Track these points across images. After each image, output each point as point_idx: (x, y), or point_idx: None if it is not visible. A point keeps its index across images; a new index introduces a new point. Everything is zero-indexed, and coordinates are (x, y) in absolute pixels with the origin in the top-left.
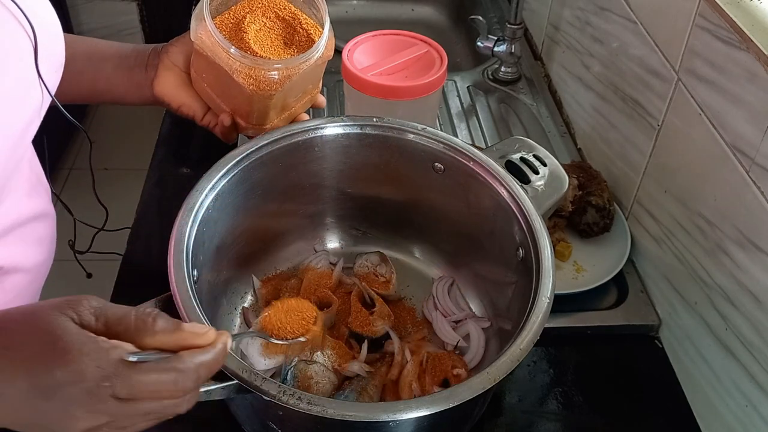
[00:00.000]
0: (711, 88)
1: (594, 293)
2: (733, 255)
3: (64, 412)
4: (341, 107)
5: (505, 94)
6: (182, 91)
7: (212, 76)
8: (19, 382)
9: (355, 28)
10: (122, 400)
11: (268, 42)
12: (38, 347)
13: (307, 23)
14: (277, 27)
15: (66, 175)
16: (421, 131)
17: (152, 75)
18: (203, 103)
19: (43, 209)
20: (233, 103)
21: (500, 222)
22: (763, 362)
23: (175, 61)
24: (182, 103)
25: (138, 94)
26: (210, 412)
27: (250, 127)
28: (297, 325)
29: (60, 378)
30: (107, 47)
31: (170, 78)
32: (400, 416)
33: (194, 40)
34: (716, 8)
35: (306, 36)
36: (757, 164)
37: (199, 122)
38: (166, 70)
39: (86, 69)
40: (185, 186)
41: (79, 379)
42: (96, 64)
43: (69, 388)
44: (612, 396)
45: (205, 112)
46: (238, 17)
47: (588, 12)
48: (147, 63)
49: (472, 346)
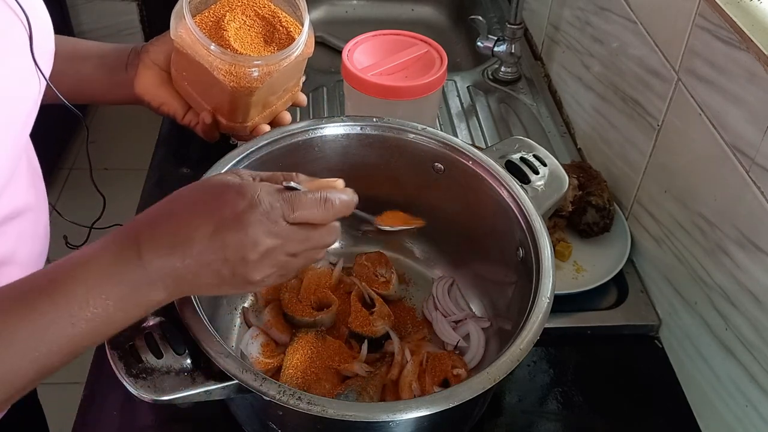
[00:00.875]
0: (711, 88)
1: (594, 293)
2: (733, 255)
3: (247, 237)
4: (341, 107)
5: (505, 94)
6: (162, 89)
7: (193, 74)
8: (205, 226)
9: (355, 28)
10: (289, 224)
11: (248, 40)
12: (215, 196)
13: (287, 21)
14: (256, 25)
15: (66, 175)
16: (421, 131)
17: (132, 74)
18: (184, 102)
19: (39, 202)
20: (214, 101)
21: (500, 222)
22: (763, 362)
23: (155, 60)
24: (163, 102)
25: (118, 93)
26: (210, 412)
27: (231, 125)
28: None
29: (240, 207)
30: (87, 47)
31: (150, 77)
32: (400, 416)
33: (174, 38)
34: (716, 8)
35: (286, 33)
36: (757, 164)
37: (180, 121)
38: (146, 69)
39: (67, 69)
40: None
41: (256, 205)
42: (76, 63)
43: (248, 214)
44: (612, 396)
45: (185, 111)
46: (217, 15)
47: (588, 12)
48: (127, 62)
49: (472, 346)
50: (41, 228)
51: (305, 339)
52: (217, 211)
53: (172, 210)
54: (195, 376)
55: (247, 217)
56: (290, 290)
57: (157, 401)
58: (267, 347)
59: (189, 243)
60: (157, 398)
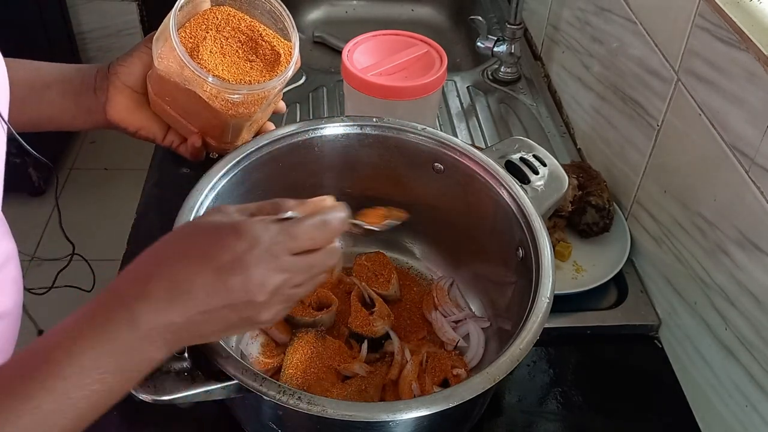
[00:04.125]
0: (711, 88)
1: (594, 293)
2: (732, 255)
3: (252, 278)
4: (341, 107)
5: (505, 95)
6: (138, 113)
7: (180, 100)
8: (204, 273)
9: (355, 28)
10: (292, 255)
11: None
12: (208, 239)
13: (268, 34)
14: (237, 43)
15: (66, 175)
16: (421, 131)
17: (103, 99)
18: (162, 124)
19: (11, 249)
20: (205, 126)
21: (500, 222)
22: (762, 362)
23: (126, 83)
24: (140, 127)
25: (88, 119)
26: (210, 412)
27: (222, 146)
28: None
29: (239, 248)
30: (49, 71)
31: (123, 101)
32: (400, 416)
33: (158, 66)
34: (716, 8)
35: (270, 48)
36: (757, 164)
37: (160, 143)
38: (117, 92)
39: (28, 96)
40: (185, 186)
41: (256, 243)
42: (39, 91)
43: (249, 254)
44: (612, 396)
45: (165, 133)
46: (196, 39)
47: (588, 12)
48: (95, 86)
49: (471, 346)
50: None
51: (305, 339)
52: (215, 256)
53: (161, 261)
54: (195, 376)
55: (248, 258)
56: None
57: (157, 401)
58: (267, 347)
59: (189, 295)
60: (157, 398)
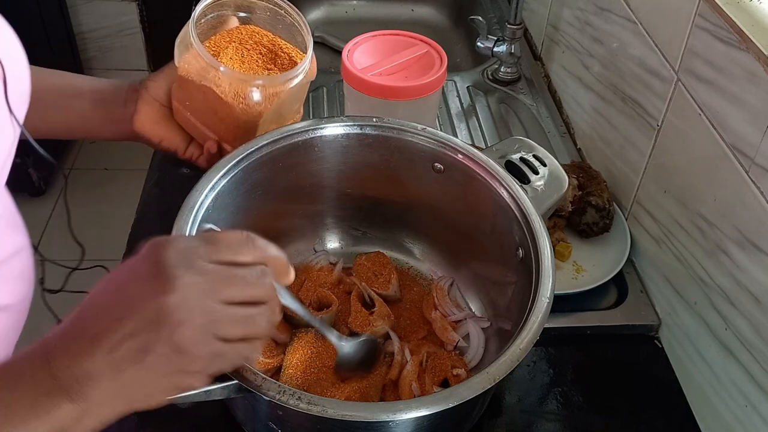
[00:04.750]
0: (711, 88)
1: (594, 293)
2: (732, 255)
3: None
4: (341, 107)
5: (505, 95)
6: (163, 125)
7: (198, 103)
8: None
9: (355, 28)
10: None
11: (251, 67)
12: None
13: (288, 48)
14: (257, 53)
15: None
16: (421, 131)
17: (132, 110)
18: (185, 136)
19: (21, 243)
20: (219, 128)
21: (500, 222)
22: (762, 362)
23: (155, 96)
24: (163, 138)
25: (115, 129)
26: (210, 412)
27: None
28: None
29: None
30: (81, 82)
31: (151, 113)
32: (400, 416)
33: (179, 66)
34: (716, 8)
35: (288, 59)
36: (757, 164)
37: (182, 155)
38: (146, 104)
39: (59, 103)
40: (185, 186)
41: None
42: (69, 99)
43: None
44: (612, 396)
45: (187, 145)
46: (219, 47)
47: (588, 12)
48: (126, 98)
49: (471, 346)
50: (26, 269)
51: (305, 339)
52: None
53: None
54: None
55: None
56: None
57: None
58: (267, 347)
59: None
60: None
